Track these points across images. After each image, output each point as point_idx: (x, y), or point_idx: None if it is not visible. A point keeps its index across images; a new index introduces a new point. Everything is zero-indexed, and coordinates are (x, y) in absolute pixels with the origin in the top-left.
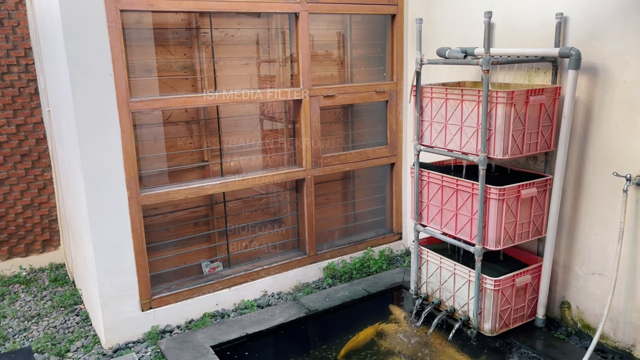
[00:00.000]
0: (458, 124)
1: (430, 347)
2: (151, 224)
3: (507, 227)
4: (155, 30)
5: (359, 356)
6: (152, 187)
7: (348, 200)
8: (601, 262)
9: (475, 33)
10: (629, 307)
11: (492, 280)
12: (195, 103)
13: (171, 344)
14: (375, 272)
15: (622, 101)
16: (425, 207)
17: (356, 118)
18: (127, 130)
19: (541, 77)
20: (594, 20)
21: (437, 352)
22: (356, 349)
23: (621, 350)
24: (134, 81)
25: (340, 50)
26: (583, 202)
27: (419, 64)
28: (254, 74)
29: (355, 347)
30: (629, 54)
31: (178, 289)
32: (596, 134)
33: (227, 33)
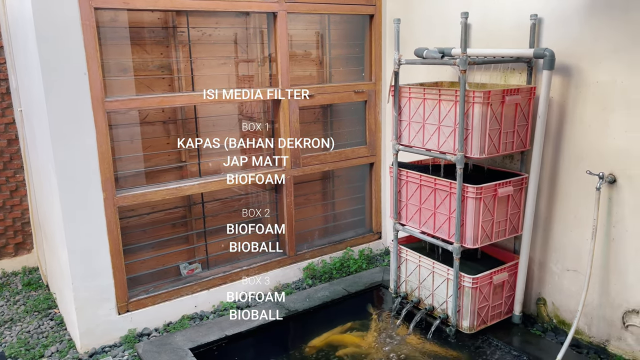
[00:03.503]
0: (436, 124)
1: (409, 346)
2: (128, 225)
3: (484, 226)
4: (131, 28)
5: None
6: (128, 188)
7: (328, 200)
8: (575, 259)
9: (452, 34)
10: (602, 303)
11: (470, 278)
12: (172, 103)
13: (149, 347)
14: (355, 271)
15: (595, 101)
16: (404, 206)
17: (335, 118)
18: (102, 130)
19: (516, 78)
20: (567, 22)
21: (416, 350)
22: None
23: (596, 345)
24: (110, 81)
25: (319, 50)
26: (558, 200)
27: (397, 64)
28: (232, 74)
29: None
30: (601, 55)
31: (156, 292)
32: (570, 133)
33: (204, 32)
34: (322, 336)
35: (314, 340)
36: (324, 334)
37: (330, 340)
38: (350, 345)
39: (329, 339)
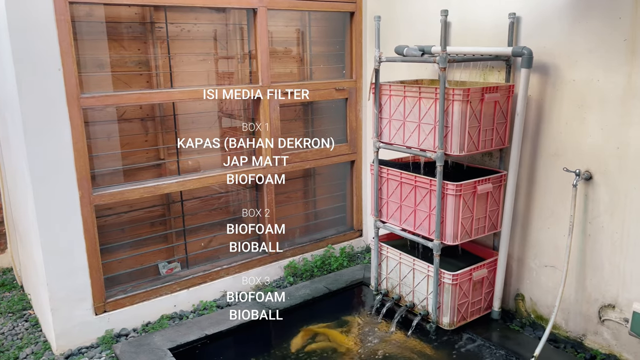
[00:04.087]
0: (416, 121)
1: (390, 342)
2: (105, 224)
3: (464, 223)
4: (107, 24)
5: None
6: (105, 187)
7: (309, 198)
8: (553, 255)
9: (432, 31)
10: (579, 298)
11: (450, 274)
12: (150, 99)
13: (127, 347)
14: (336, 269)
15: (571, 99)
16: (385, 203)
17: (316, 116)
18: (77, 127)
19: (495, 76)
20: (545, 21)
21: (396, 347)
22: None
23: (572, 339)
24: (86, 77)
25: (299, 47)
26: (536, 197)
27: (378, 61)
28: (211, 71)
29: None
30: (578, 54)
31: (134, 291)
32: (547, 131)
33: (183, 28)
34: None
35: (297, 338)
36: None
37: (317, 332)
38: (335, 342)
39: (318, 331)
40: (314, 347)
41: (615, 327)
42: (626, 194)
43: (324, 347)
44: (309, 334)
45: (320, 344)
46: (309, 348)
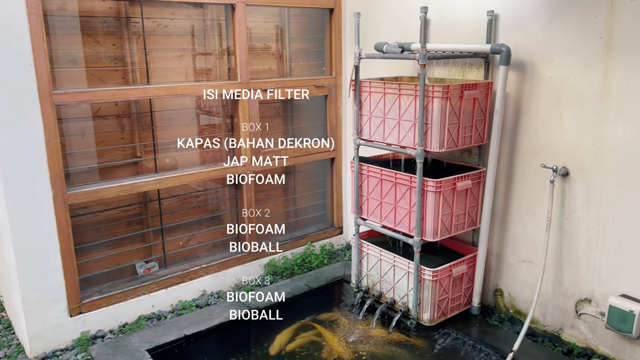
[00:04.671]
0: (396, 118)
1: (371, 339)
2: (80, 223)
3: (443, 219)
4: (81, 18)
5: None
6: (80, 185)
7: (289, 195)
8: (531, 250)
9: (412, 28)
10: (556, 293)
11: (431, 271)
12: (126, 96)
13: (103, 349)
14: (317, 267)
15: (549, 96)
16: (365, 200)
17: (296, 113)
18: (50, 124)
19: (474, 73)
20: (522, 18)
21: (377, 344)
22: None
23: (550, 333)
24: (59, 72)
25: (278, 43)
26: (514, 193)
27: (358, 58)
28: (189, 67)
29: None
30: (554, 51)
31: (110, 292)
32: (525, 128)
33: (159, 23)
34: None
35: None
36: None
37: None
38: (328, 343)
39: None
40: (293, 346)
41: (591, 321)
42: (602, 190)
43: (304, 345)
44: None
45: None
46: (289, 347)
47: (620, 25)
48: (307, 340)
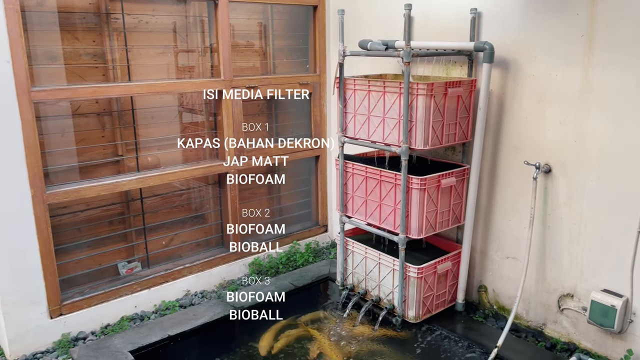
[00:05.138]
0: (381, 116)
1: (357, 337)
2: (60, 224)
3: (428, 216)
4: (60, 14)
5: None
6: (60, 184)
7: (273, 194)
8: (514, 246)
9: (396, 26)
10: (539, 288)
11: (416, 268)
12: (107, 93)
13: (85, 351)
14: (302, 265)
15: (531, 94)
16: (350, 198)
17: (280, 110)
18: (28, 122)
19: (458, 70)
20: (505, 16)
21: (362, 342)
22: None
23: (533, 329)
24: (37, 69)
25: (262, 40)
26: (497, 190)
27: (342, 55)
28: (171, 64)
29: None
30: (537, 49)
31: (92, 293)
32: (509, 125)
33: (140, 20)
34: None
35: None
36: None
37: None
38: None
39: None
40: (280, 345)
41: (574, 316)
42: (583, 186)
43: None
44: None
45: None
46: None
47: (601, 24)
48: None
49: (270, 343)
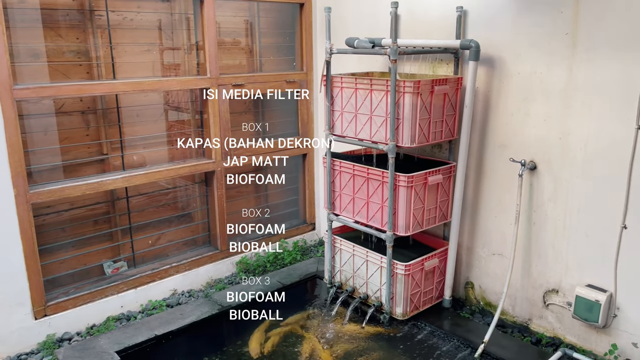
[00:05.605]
0: (368, 114)
1: (345, 334)
2: (44, 223)
3: (415, 214)
4: (42, 10)
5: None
6: (43, 184)
7: (260, 192)
8: (500, 243)
9: (382, 23)
10: (525, 284)
11: (403, 265)
12: (91, 91)
13: (70, 352)
14: (290, 263)
15: (517, 91)
16: (338, 196)
17: (267, 108)
18: (11, 120)
19: (444, 68)
20: (491, 14)
21: (351, 339)
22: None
23: (519, 324)
24: (19, 67)
25: (248, 38)
26: (484, 187)
27: (329, 53)
28: (156, 62)
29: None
30: (522, 47)
31: (77, 293)
32: (494, 122)
33: (125, 17)
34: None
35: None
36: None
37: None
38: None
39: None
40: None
41: (559, 311)
42: (568, 183)
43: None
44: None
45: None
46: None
47: (585, 22)
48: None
49: (260, 343)
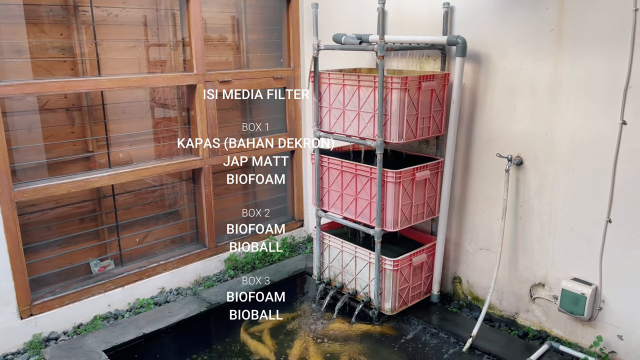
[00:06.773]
0: (355, 110)
1: (334, 330)
2: (29, 222)
3: (403, 209)
4: (25, 6)
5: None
6: (28, 182)
7: (248, 189)
8: (487, 238)
9: (369, 20)
10: (512, 278)
11: (391, 261)
12: (76, 88)
13: (57, 352)
14: (278, 260)
15: (503, 87)
16: (326, 192)
17: (254, 105)
18: None
19: (431, 64)
20: (477, 11)
21: (340, 335)
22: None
23: (506, 318)
24: (2, 63)
25: (235, 34)
26: (471, 182)
27: (316, 49)
28: (142, 58)
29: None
30: (508, 43)
31: (63, 292)
32: (481, 118)
33: (110, 12)
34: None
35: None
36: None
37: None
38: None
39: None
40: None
41: (545, 305)
42: (553, 178)
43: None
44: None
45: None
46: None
47: (570, 18)
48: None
49: (270, 343)
